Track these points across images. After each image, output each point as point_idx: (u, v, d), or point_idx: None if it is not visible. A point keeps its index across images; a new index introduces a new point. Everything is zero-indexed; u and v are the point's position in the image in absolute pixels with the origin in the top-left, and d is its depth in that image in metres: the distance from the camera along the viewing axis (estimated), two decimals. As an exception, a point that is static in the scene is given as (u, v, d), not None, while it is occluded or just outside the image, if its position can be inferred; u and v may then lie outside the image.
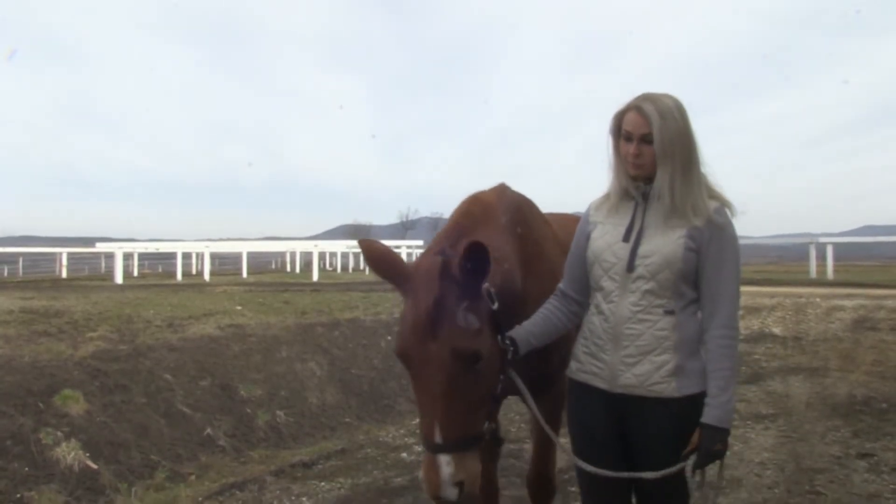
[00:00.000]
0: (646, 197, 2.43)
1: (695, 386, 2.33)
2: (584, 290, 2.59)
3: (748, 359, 10.49)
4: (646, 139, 2.33)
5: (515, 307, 2.62)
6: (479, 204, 2.83)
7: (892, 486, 5.01)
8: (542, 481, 3.33)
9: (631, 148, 2.36)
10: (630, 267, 2.36)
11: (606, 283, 2.43)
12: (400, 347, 2.29)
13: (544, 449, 3.30)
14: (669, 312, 2.34)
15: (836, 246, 26.47)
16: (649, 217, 2.41)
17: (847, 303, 13.67)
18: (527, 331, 2.53)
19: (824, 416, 7.07)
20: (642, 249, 2.36)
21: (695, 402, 2.32)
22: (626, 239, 2.41)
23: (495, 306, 2.34)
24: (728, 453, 2.40)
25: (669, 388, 2.32)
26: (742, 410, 7.40)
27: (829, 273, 23.77)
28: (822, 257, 25.04)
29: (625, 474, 2.37)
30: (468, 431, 2.25)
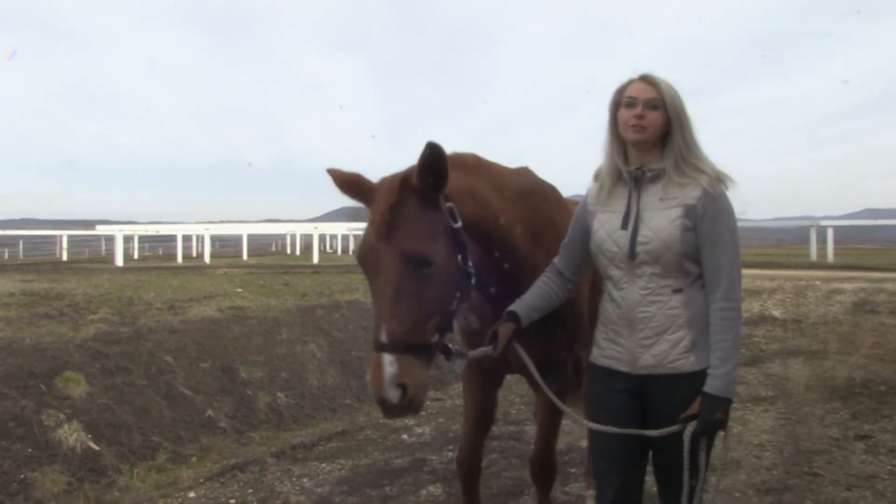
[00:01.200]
0: (638, 181, 2.45)
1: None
2: (579, 271, 2.68)
3: (748, 341, 10.52)
4: (651, 104, 2.37)
5: (494, 246, 2.68)
6: (477, 159, 2.83)
7: (889, 468, 5.04)
8: (545, 462, 3.36)
9: (636, 110, 2.38)
10: (632, 254, 2.39)
11: (614, 272, 2.47)
12: (358, 253, 2.41)
13: (548, 431, 3.32)
14: (678, 291, 2.38)
15: (837, 229, 26.46)
16: (644, 201, 2.43)
17: (847, 286, 13.69)
18: (527, 304, 2.60)
19: (823, 399, 7.10)
20: (641, 235, 2.38)
21: None
22: (624, 226, 2.43)
23: (457, 225, 2.42)
24: (732, 428, 2.42)
25: (688, 363, 2.36)
26: (741, 393, 7.43)
27: (830, 256, 23.79)
28: (822, 240, 25.05)
29: (629, 431, 2.41)
30: (415, 337, 2.27)
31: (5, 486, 4.66)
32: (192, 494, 4.88)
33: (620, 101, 2.44)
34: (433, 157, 2.26)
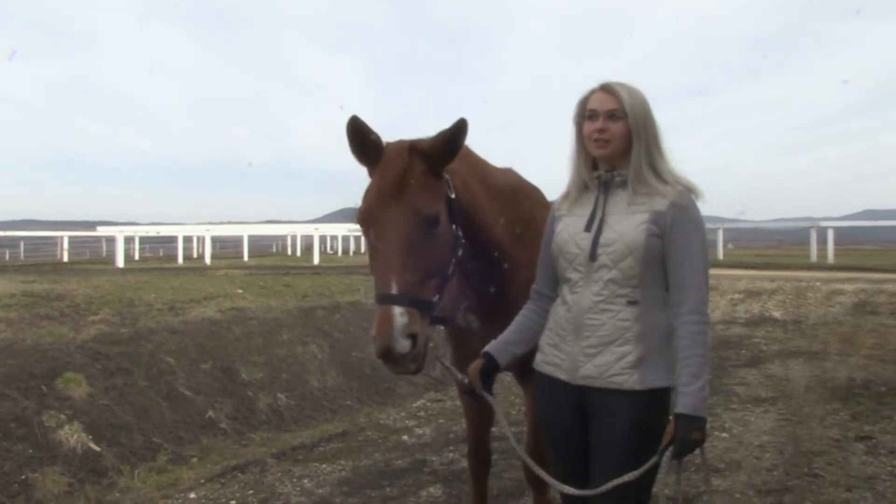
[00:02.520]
0: (606, 186, 2.40)
1: (659, 380, 2.25)
2: (557, 285, 2.57)
3: (748, 342, 10.52)
4: (612, 115, 2.32)
5: (474, 231, 2.74)
6: (466, 149, 2.88)
7: (889, 469, 5.04)
8: (537, 461, 3.36)
9: (596, 124, 2.32)
10: (592, 256, 2.32)
11: (571, 274, 2.40)
12: (363, 212, 2.44)
13: (539, 429, 3.33)
14: (633, 303, 2.28)
15: (837, 230, 26.45)
16: (611, 205, 2.37)
17: (847, 287, 13.70)
18: (504, 341, 2.57)
19: (823, 400, 7.10)
20: (604, 237, 2.32)
21: (658, 398, 2.26)
22: (587, 228, 2.37)
23: (452, 195, 2.55)
24: (727, 436, 2.40)
25: (630, 381, 2.24)
26: (742, 394, 7.43)
27: (830, 257, 23.79)
28: (822, 241, 25.06)
29: (607, 486, 2.22)
30: (421, 293, 2.35)
31: (6, 487, 4.66)
32: (192, 495, 4.88)
33: (584, 114, 2.39)
34: (459, 132, 2.42)
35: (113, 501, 4.82)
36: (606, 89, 2.35)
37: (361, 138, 2.43)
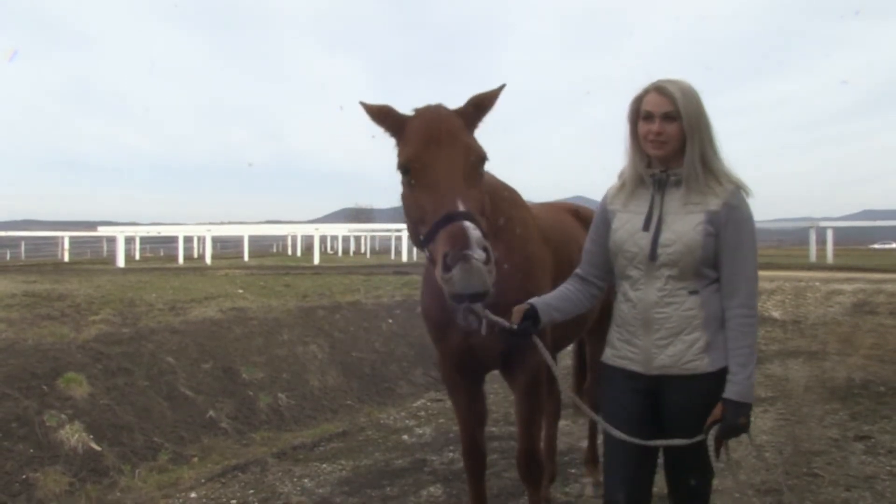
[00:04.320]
0: (661, 184, 2.46)
1: (724, 360, 2.39)
2: (605, 274, 2.67)
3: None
4: (668, 117, 2.37)
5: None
6: None
7: (888, 468, 5.06)
8: (530, 460, 3.35)
9: (653, 126, 2.39)
10: (652, 256, 2.41)
11: (632, 272, 2.49)
12: (414, 152, 2.52)
13: (528, 428, 3.33)
14: (694, 293, 2.40)
15: (837, 230, 26.45)
16: (667, 204, 2.44)
17: (846, 287, 13.68)
18: (547, 303, 2.60)
19: (822, 400, 7.11)
20: (663, 238, 2.40)
21: (723, 376, 2.38)
22: (646, 228, 2.44)
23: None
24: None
25: (703, 364, 2.39)
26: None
27: (829, 257, 23.78)
28: (822, 241, 25.06)
29: (655, 442, 2.45)
30: (480, 220, 2.38)
31: (7, 487, 4.68)
32: (193, 495, 4.89)
33: (638, 113, 2.45)
34: (495, 96, 2.66)
35: (114, 501, 4.84)
36: (661, 90, 2.40)
37: (377, 116, 2.67)
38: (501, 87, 2.67)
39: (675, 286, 2.41)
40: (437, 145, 2.48)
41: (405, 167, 2.53)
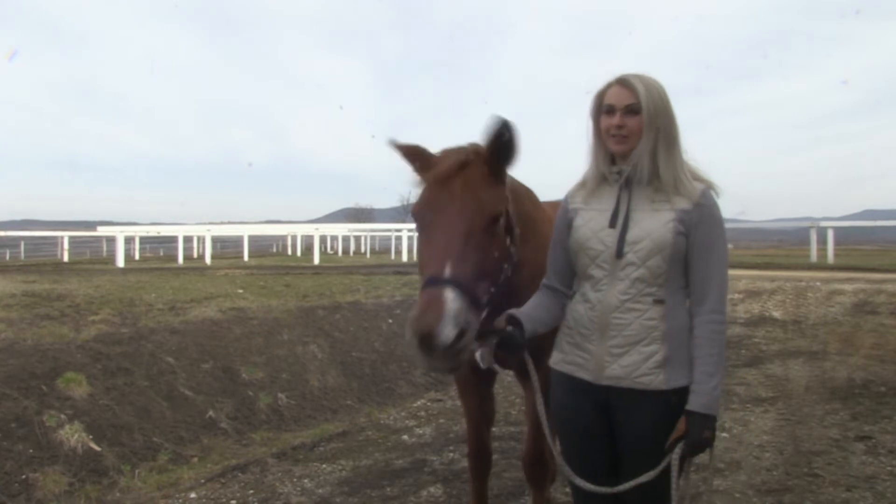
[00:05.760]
0: (628, 181, 2.33)
1: (683, 378, 2.25)
2: (571, 281, 2.51)
3: (748, 342, 10.52)
4: (630, 109, 2.26)
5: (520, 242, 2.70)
6: None
7: (889, 469, 5.05)
8: (537, 461, 3.35)
9: (614, 119, 2.27)
10: (619, 253, 2.27)
11: (595, 272, 2.34)
12: (425, 200, 2.42)
13: (538, 428, 3.32)
14: (659, 301, 2.26)
15: (837, 230, 26.44)
16: (635, 200, 2.32)
17: (847, 287, 13.69)
18: (529, 315, 2.44)
19: (823, 400, 7.11)
20: (631, 234, 2.27)
21: (683, 395, 2.24)
22: (612, 224, 2.32)
23: (510, 209, 2.53)
24: (727, 436, 2.40)
25: (657, 381, 2.24)
26: (742, 394, 7.43)
27: (830, 257, 23.77)
28: (822, 241, 25.04)
29: (622, 487, 2.28)
30: (474, 286, 2.22)
31: (7, 487, 4.67)
32: (193, 495, 4.88)
33: (601, 108, 2.33)
34: (502, 132, 2.37)
35: (113, 501, 4.83)
36: (623, 83, 2.29)
37: (408, 155, 2.57)
38: (498, 125, 2.37)
39: (639, 290, 2.26)
40: (445, 198, 2.35)
41: (413, 216, 2.45)
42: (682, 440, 2.20)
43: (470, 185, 2.36)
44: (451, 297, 2.08)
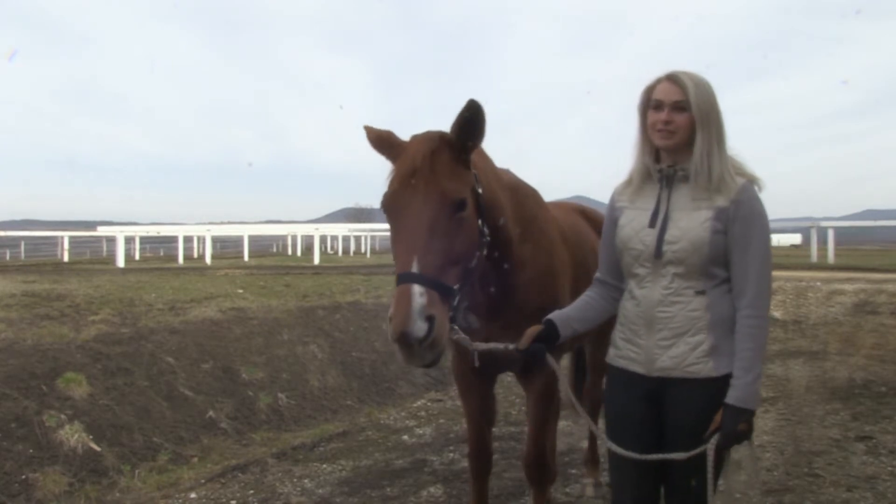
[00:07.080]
0: (669, 180, 2.37)
1: (730, 365, 2.30)
2: (621, 274, 2.57)
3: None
4: (678, 106, 2.29)
5: (497, 230, 2.72)
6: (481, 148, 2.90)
7: (889, 469, 5.04)
8: (538, 462, 3.34)
9: (661, 115, 2.31)
10: (657, 253, 2.33)
11: (638, 270, 2.41)
12: (389, 195, 2.43)
13: (539, 430, 3.32)
14: (700, 293, 2.31)
15: (838, 230, 26.43)
16: (675, 200, 2.36)
17: (847, 287, 13.67)
18: (566, 315, 2.55)
19: (824, 400, 7.10)
20: (669, 235, 2.32)
21: (728, 382, 2.29)
22: (651, 224, 2.37)
23: (480, 190, 2.54)
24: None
25: (706, 369, 2.30)
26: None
27: (830, 257, 23.76)
28: (823, 241, 25.04)
29: (652, 456, 2.35)
30: (443, 276, 2.30)
31: (7, 487, 4.66)
32: (193, 495, 4.88)
33: (648, 103, 2.37)
34: (473, 113, 2.39)
35: (113, 501, 4.82)
36: (672, 79, 2.32)
37: (377, 144, 2.59)
38: (471, 104, 2.40)
39: (680, 285, 2.31)
40: (408, 189, 2.38)
41: (382, 209, 2.48)
42: (717, 432, 2.26)
43: (433, 174, 2.38)
44: (417, 293, 2.18)
